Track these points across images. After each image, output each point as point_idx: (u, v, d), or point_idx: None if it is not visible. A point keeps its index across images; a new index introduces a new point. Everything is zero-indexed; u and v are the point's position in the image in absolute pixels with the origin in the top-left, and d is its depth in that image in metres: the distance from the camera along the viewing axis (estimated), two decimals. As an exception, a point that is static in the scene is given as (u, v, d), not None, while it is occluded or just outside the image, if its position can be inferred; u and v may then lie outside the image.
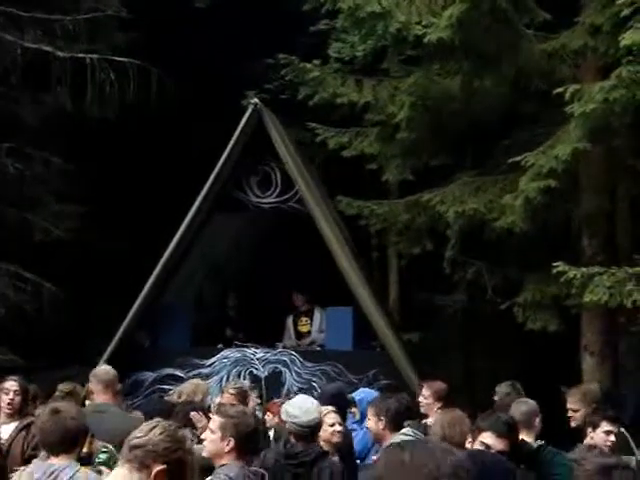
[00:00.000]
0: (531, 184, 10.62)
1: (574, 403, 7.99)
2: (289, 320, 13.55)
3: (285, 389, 11.55)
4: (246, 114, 12.42)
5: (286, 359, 12.43)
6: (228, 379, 11.82)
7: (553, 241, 12.63)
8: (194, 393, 8.71)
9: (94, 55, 16.35)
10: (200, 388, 8.98)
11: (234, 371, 12.34)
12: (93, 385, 8.18)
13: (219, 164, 12.29)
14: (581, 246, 12.20)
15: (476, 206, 11.73)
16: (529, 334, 12.42)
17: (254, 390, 9.77)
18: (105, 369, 8.46)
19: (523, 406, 7.10)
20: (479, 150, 13.10)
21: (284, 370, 12.35)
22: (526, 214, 10.91)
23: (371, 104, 13.48)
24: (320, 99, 13.72)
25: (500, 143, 12.75)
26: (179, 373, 12.31)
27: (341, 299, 12.23)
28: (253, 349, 12.54)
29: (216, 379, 12.23)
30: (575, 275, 9.94)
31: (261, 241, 13.65)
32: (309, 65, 13.65)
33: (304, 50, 14.44)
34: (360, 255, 13.66)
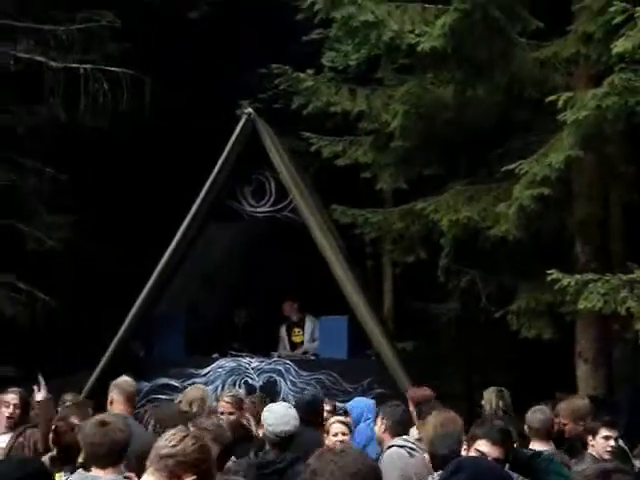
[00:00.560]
0: (525, 192, 10.64)
1: (564, 417, 8.00)
2: (283, 330, 13.55)
3: (280, 398, 11.52)
4: (240, 123, 12.43)
5: (281, 368, 12.43)
6: (223, 388, 11.81)
7: (547, 249, 12.64)
8: (203, 401, 8.63)
9: (87, 65, 16.35)
10: (206, 393, 8.95)
11: (229, 380, 12.34)
12: (115, 395, 8.16)
13: (213, 173, 12.29)
14: (575, 253, 12.23)
15: (470, 214, 11.75)
16: (524, 342, 12.44)
17: (264, 400, 9.66)
18: (127, 380, 8.41)
19: (540, 414, 7.10)
20: (473, 158, 13.12)
21: (279, 379, 12.35)
22: (520, 222, 10.94)
23: (365, 113, 13.50)
24: (314, 108, 13.73)
25: (494, 151, 12.77)
26: (174, 383, 12.30)
27: (336, 308, 12.23)
28: (248, 358, 12.54)
29: (211, 388, 12.20)
30: (569, 282, 9.96)
31: (255, 250, 13.64)
32: (303, 74, 13.66)
33: (297, 59, 14.45)
34: (355, 264, 13.68)
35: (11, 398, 7.90)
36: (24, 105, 17.16)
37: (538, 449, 6.83)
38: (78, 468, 5.50)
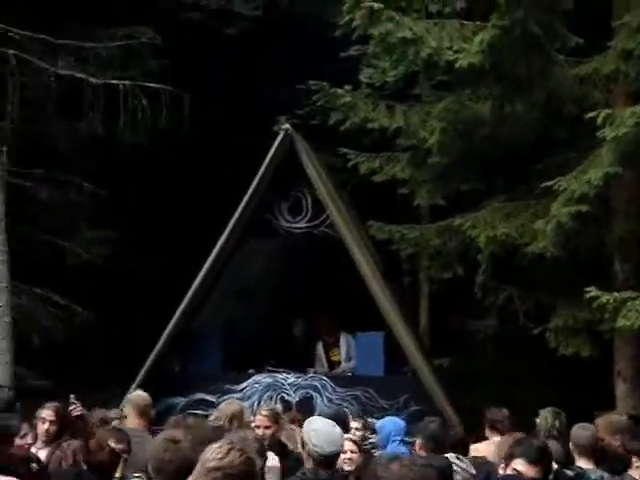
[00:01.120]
0: (563, 209, 10.59)
1: (600, 432, 7.93)
2: (320, 348, 13.49)
3: (316, 415, 11.49)
4: (277, 139, 12.44)
5: (317, 384, 12.40)
6: (259, 404, 11.79)
7: (585, 266, 12.56)
8: (242, 414, 8.54)
9: (127, 81, 16.47)
10: (243, 408, 8.86)
11: (265, 396, 12.32)
12: (128, 410, 8.21)
13: (250, 189, 12.32)
14: (613, 271, 12.13)
15: (507, 231, 11.71)
16: (562, 360, 12.35)
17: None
18: (140, 395, 8.47)
19: (585, 431, 7.04)
20: (510, 175, 13.07)
21: (315, 395, 12.33)
22: (558, 239, 10.88)
23: (402, 129, 13.51)
24: (351, 124, 13.76)
25: (532, 168, 12.72)
26: (210, 398, 12.30)
27: (372, 324, 12.21)
28: (284, 374, 12.52)
29: (247, 404, 12.20)
30: (608, 300, 9.90)
31: (292, 266, 13.65)
32: (340, 90, 13.70)
33: (335, 76, 14.48)
34: (391, 280, 13.64)
35: (47, 414, 7.94)
36: (64, 121, 17.32)
37: (584, 467, 6.75)
38: None
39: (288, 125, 12.81)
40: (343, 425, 8.64)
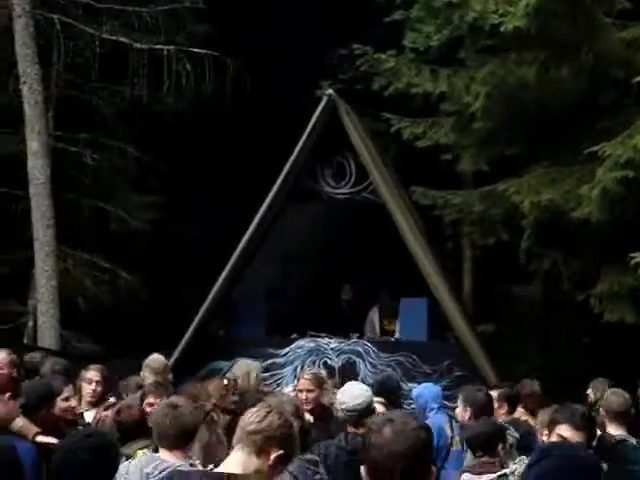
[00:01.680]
0: (608, 174, 10.49)
1: None
2: (375, 314, 13.44)
3: (359, 379, 11.53)
4: (321, 105, 12.42)
5: (360, 349, 12.43)
6: (302, 369, 11.85)
7: (630, 231, 12.44)
8: (248, 376, 8.60)
9: (171, 47, 16.51)
10: (253, 366, 8.86)
11: (308, 361, 12.37)
12: (146, 374, 8.32)
13: (293, 155, 12.31)
14: (659, 237, 12.02)
15: (552, 197, 11.62)
16: (606, 325, 12.27)
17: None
18: (156, 358, 8.58)
19: (620, 398, 6.99)
20: (555, 140, 12.95)
21: (358, 360, 12.36)
22: (603, 204, 10.79)
23: (446, 94, 13.41)
24: (395, 89, 13.68)
25: (577, 133, 12.59)
26: (254, 362, 12.38)
27: (415, 289, 12.20)
28: (327, 339, 12.56)
29: (290, 369, 12.30)
30: (653, 266, 9.81)
31: (335, 231, 13.65)
32: (384, 55, 13.62)
33: (379, 40, 14.39)
34: (434, 245, 13.61)
35: (92, 375, 8.07)
36: (109, 87, 17.41)
37: (614, 433, 6.71)
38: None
39: (331, 90, 12.78)
40: (396, 389, 8.71)
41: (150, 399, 6.97)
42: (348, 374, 11.67)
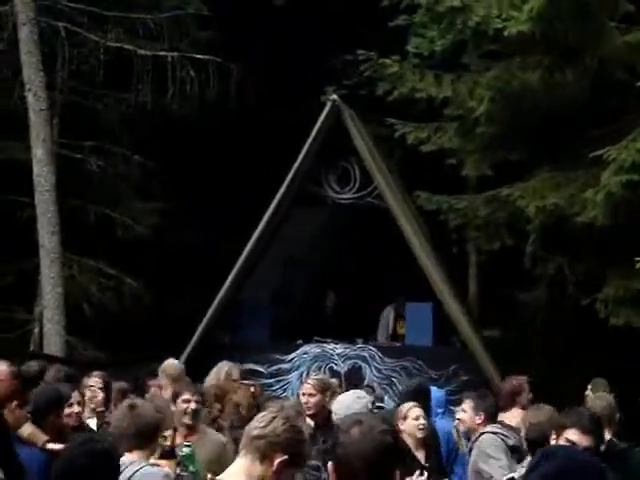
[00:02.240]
0: (613, 178, 10.48)
1: None
2: (391, 315, 13.38)
3: (365, 385, 11.53)
4: (325, 110, 12.44)
5: (366, 355, 12.44)
6: (308, 374, 11.84)
7: (636, 235, 12.42)
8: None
9: (175, 53, 16.54)
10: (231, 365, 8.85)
11: (314, 366, 12.38)
12: (162, 380, 8.32)
13: (298, 160, 12.33)
14: (664, 240, 12.00)
15: (557, 201, 11.60)
16: (613, 330, 12.25)
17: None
18: (172, 363, 8.57)
19: (603, 402, 6.98)
20: (559, 144, 12.94)
21: (364, 365, 12.37)
22: (608, 209, 10.77)
23: (450, 99, 13.40)
24: (399, 94, 13.66)
25: (581, 137, 12.57)
26: (259, 368, 12.40)
27: (420, 294, 12.20)
28: (333, 344, 12.56)
29: (296, 374, 12.30)
30: (659, 270, 9.80)
31: (339, 236, 13.66)
32: (388, 60, 13.61)
33: (383, 46, 14.39)
34: (439, 250, 13.61)
35: (94, 382, 8.10)
36: (113, 93, 17.44)
37: None
38: None
39: (335, 96, 12.80)
40: (426, 395, 8.70)
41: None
42: (354, 379, 11.69)
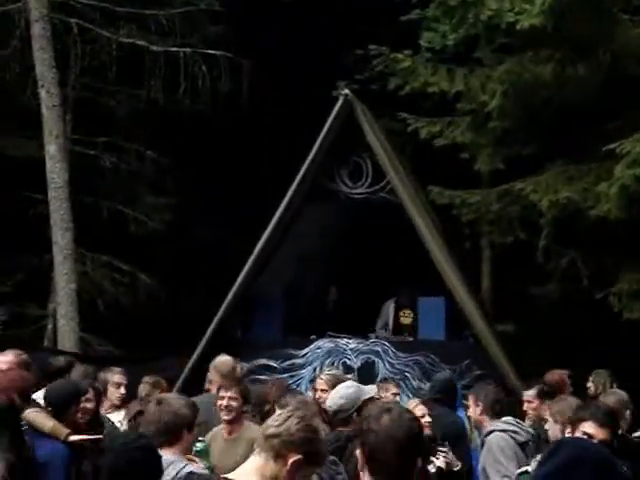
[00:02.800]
0: (627, 172, 10.45)
1: None
2: (389, 308, 13.38)
3: (378, 380, 11.52)
4: (337, 105, 12.41)
5: (379, 349, 12.42)
6: (321, 369, 11.85)
7: (649, 229, 12.40)
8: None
9: (187, 49, 16.55)
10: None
11: (327, 361, 12.37)
12: (212, 376, 8.30)
13: (311, 155, 12.31)
14: (679, 234, 11.97)
15: (570, 194, 11.58)
16: (626, 323, 12.22)
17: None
18: (224, 360, 8.47)
19: (613, 397, 6.97)
20: (572, 138, 12.91)
21: (377, 360, 12.35)
22: (621, 202, 10.74)
23: (463, 93, 13.40)
24: (411, 89, 13.67)
25: (594, 130, 12.54)
26: (272, 363, 12.39)
27: (433, 288, 12.18)
28: (346, 339, 12.55)
29: (309, 369, 12.29)
30: (673, 264, 9.77)
31: (352, 231, 13.64)
32: (400, 55, 13.62)
33: (395, 40, 14.39)
34: (452, 245, 13.58)
35: (119, 378, 8.19)
36: (126, 89, 17.47)
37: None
38: None
39: (348, 90, 12.77)
40: (454, 388, 8.72)
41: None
42: (367, 374, 11.67)
